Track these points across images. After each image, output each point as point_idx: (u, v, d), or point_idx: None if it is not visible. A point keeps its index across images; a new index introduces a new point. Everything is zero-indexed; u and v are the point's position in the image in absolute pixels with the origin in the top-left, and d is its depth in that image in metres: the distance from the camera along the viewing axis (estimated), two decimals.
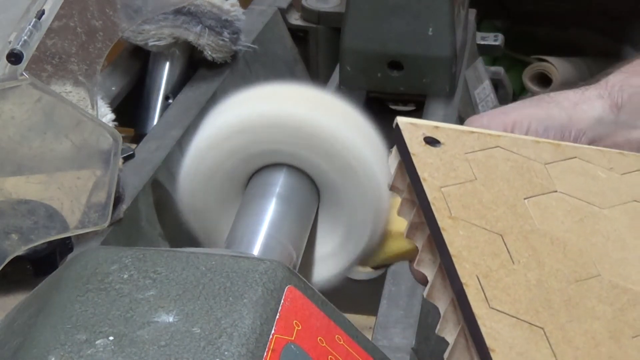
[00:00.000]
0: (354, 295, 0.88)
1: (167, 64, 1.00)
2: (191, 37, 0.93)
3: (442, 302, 0.42)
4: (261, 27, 1.06)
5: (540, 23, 1.75)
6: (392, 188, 0.48)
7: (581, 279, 0.42)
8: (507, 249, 0.42)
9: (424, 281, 0.58)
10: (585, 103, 0.60)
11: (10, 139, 0.61)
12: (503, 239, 0.42)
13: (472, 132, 0.47)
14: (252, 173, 0.64)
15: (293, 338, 0.45)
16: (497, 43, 1.20)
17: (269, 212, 0.61)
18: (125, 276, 0.47)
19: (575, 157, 0.48)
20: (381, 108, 1.03)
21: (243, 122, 0.63)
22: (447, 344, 0.44)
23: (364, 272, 0.90)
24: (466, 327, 0.40)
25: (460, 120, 0.95)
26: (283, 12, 1.14)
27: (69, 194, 0.64)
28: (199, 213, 0.66)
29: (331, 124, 0.62)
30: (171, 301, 0.45)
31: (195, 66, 0.99)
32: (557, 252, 0.43)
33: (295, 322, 0.46)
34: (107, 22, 0.70)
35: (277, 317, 0.45)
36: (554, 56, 1.58)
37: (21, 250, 0.64)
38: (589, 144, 0.57)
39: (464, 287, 0.39)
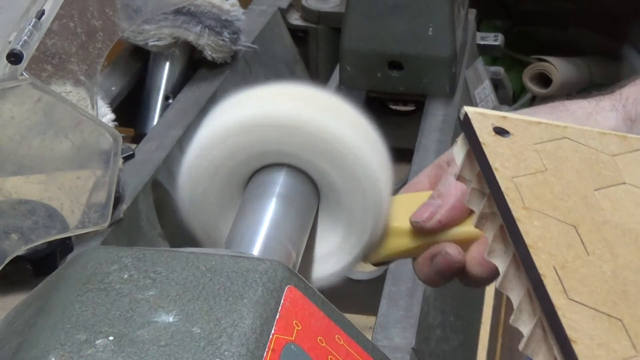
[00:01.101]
0: (354, 295, 0.88)
1: (167, 64, 1.00)
2: (191, 37, 0.93)
3: (516, 293, 0.42)
4: (261, 27, 1.06)
5: (540, 23, 1.75)
6: (459, 178, 0.48)
7: None
8: (581, 240, 0.42)
9: (427, 280, 0.57)
10: (599, 114, 0.60)
11: (10, 139, 0.61)
12: (577, 230, 0.42)
13: (540, 123, 0.48)
14: (252, 173, 0.64)
15: (293, 338, 0.45)
16: (497, 43, 1.20)
17: (269, 212, 0.61)
18: (125, 276, 0.47)
19: None
20: (381, 108, 1.03)
21: (243, 122, 0.63)
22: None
23: (364, 272, 0.90)
24: (545, 318, 0.39)
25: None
26: (283, 12, 1.14)
27: (69, 194, 0.64)
28: (198, 213, 0.66)
29: (331, 123, 0.62)
30: (171, 301, 0.45)
31: (195, 66, 0.99)
32: (630, 243, 0.43)
33: (295, 322, 0.46)
34: (107, 22, 0.70)
35: (277, 317, 0.45)
36: (554, 56, 1.59)
37: (21, 250, 0.64)
38: None
39: (542, 277, 0.39)
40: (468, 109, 0.47)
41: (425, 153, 0.86)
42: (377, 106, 1.01)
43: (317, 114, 0.63)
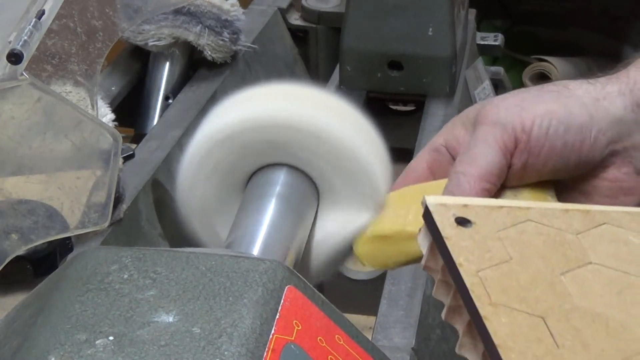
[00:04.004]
0: (354, 295, 0.88)
1: (167, 64, 1.00)
2: (191, 37, 0.93)
3: None
4: (261, 27, 1.06)
5: (540, 23, 1.75)
6: (425, 268, 0.47)
7: (627, 358, 0.41)
8: (550, 332, 0.41)
9: None
10: (606, 99, 0.58)
11: (10, 139, 0.61)
12: (545, 322, 0.41)
13: (502, 207, 0.47)
14: (252, 173, 0.64)
15: (293, 338, 0.45)
16: (497, 43, 1.20)
17: (269, 212, 0.61)
18: (125, 276, 0.47)
19: (605, 224, 0.48)
20: (381, 108, 1.03)
21: (243, 122, 0.63)
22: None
23: (364, 272, 0.90)
24: None
25: None
26: (283, 12, 1.14)
27: (69, 194, 0.64)
28: (198, 213, 0.66)
29: (331, 123, 0.62)
30: (171, 301, 0.45)
31: (195, 66, 0.99)
32: (600, 330, 0.42)
33: (295, 322, 0.46)
34: (107, 22, 0.70)
35: (277, 317, 0.45)
36: (554, 56, 1.59)
37: (21, 250, 0.64)
38: (608, 143, 0.56)
39: None
40: (429, 200, 0.46)
41: None
42: (377, 106, 1.01)
43: (317, 114, 0.63)
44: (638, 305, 0.43)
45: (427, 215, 0.45)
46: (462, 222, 0.45)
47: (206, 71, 0.97)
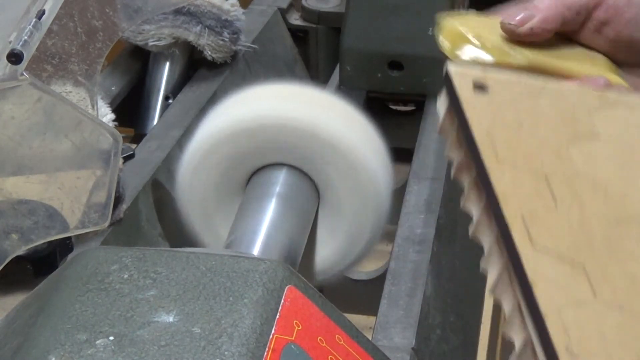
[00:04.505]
0: (354, 295, 0.88)
1: (167, 64, 1.00)
2: (191, 37, 0.93)
3: (487, 239, 0.44)
4: (261, 27, 1.06)
5: None
6: (441, 131, 0.49)
7: (623, 221, 0.44)
8: (551, 191, 0.43)
9: None
10: None
11: (10, 139, 0.61)
12: (547, 182, 0.44)
13: (519, 80, 0.49)
14: (252, 173, 0.64)
15: (293, 338, 0.45)
16: None
17: (269, 212, 0.61)
18: (125, 276, 0.47)
19: (619, 105, 0.50)
20: (381, 108, 1.03)
21: (243, 122, 0.63)
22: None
23: (364, 272, 0.90)
24: (509, 262, 0.41)
25: None
26: (283, 12, 1.14)
27: (69, 194, 0.64)
28: (198, 213, 0.66)
29: (331, 124, 0.62)
30: (171, 301, 0.45)
31: (195, 66, 0.99)
32: (599, 194, 0.44)
33: (296, 322, 0.46)
34: (107, 22, 0.70)
35: (277, 317, 0.45)
36: None
37: (21, 250, 0.64)
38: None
39: (509, 224, 0.41)
40: (450, 66, 0.49)
41: (425, 153, 0.86)
42: (377, 106, 1.01)
43: (317, 114, 0.63)
44: (639, 178, 0.46)
45: (447, 79, 0.48)
46: (480, 87, 0.48)
47: (206, 71, 0.97)
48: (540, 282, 0.40)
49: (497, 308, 0.91)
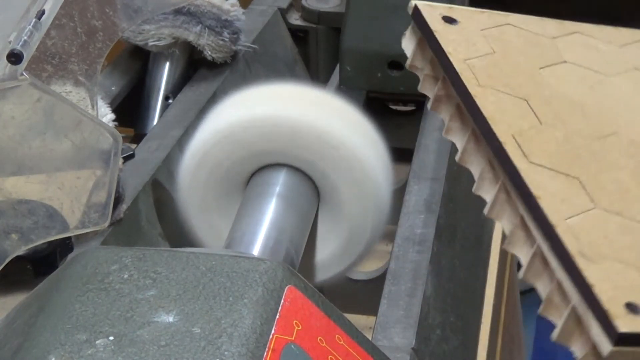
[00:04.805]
0: (354, 295, 0.88)
1: (167, 64, 1.00)
2: (191, 37, 0.93)
3: (476, 165, 0.47)
4: (261, 27, 1.06)
5: None
6: (411, 67, 0.52)
7: (602, 136, 0.46)
8: (533, 111, 0.46)
9: None
10: None
11: (10, 139, 0.61)
12: (528, 103, 0.46)
13: (483, 12, 0.52)
14: (252, 173, 0.64)
15: (293, 338, 0.45)
16: None
17: (269, 212, 0.61)
18: (125, 276, 0.47)
19: (577, 32, 0.54)
20: (381, 108, 1.03)
21: (243, 122, 0.63)
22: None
23: (364, 272, 0.90)
24: (509, 181, 0.43)
25: None
26: (283, 12, 1.14)
27: (69, 194, 0.64)
28: (198, 213, 0.66)
29: (331, 124, 0.62)
30: (171, 301, 0.45)
31: (195, 66, 0.99)
32: (577, 113, 0.47)
33: (295, 322, 0.46)
34: (107, 22, 0.70)
35: (277, 317, 0.45)
36: None
37: (21, 250, 0.64)
38: None
39: (503, 145, 0.44)
40: (417, 2, 0.51)
41: (425, 153, 0.86)
42: (377, 106, 1.01)
43: (317, 114, 0.63)
44: (609, 97, 0.49)
45: (417, 14, 0.50)
46: (448, 20, 0.50)
47: (206, 71, 0.97)
48: (543, 194, 0.42)
49: (496, 308, 0.91)
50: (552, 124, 0.46)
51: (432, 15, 0.50)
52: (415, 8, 0.50)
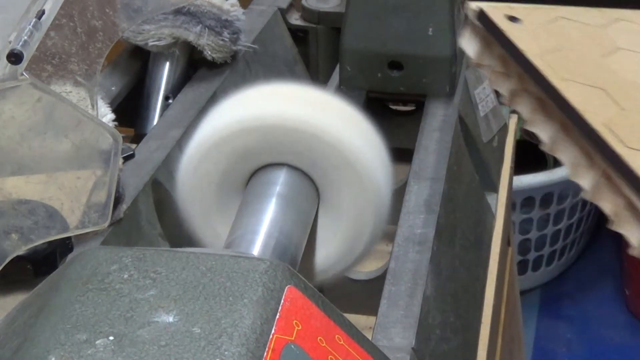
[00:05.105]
0: (354, 295, 0.88)
1: (167, 64, 1.00)
2: (191, 37, 0.93)
3: (568, 153, 0.49)
4: (261, 27, 1.06)
5: None
6: (477, 65, 0.54)
7: None
8: (613, 99, 0.48)
9: None
10: None
11: (10, 139, 0.61)
12: (606, 92, 0.48)
13: (537, 8, 0.55)
14: (252, 173, 0.64)
15: (293, 338, 0.45)
16: None
17: (269, 211, 0.61)
18: (125, 276, 0.47)
19: (620, 19, 0.56)
20: (381, 108, 1.03)
21: (242, 122, 0.63)
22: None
23: (364, 272, 0.90)
24: (610, 166, 0.45)
25: (461, 120, 0.95)
26: (283, 12, 1.14)
27: (69, 194, 0.64)
28: (198, 213, 0.66)
29: (331, 124, 0.62)
30: (171, 301, 0.45)
31: (195, 66, 0.99)
32: None
33: (295, 322, 0.46)
34: (107, 22, 0.70)
35: (277, 317, 0.45)
36: None
37: (21, 250, 0.64)
38: None
39: (599, 133, 0.45)
40: (481, 5, 0.54)
41: (425, 153, 0.86)
42: (377, 106, 1.01)
43: (317, 114, 0.63)
44: None
45: (482, 16, 0.52)
46: (512, 19, 0.52)
47: (206, 71, 0.97)
48: None
49: (496, 308, 0.91)
50: (633, 109, 0.48)
51: (497, 15, 0.52)
52: (480, 10, 0.53)
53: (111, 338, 0.43)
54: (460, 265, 0.80)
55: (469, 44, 0.54)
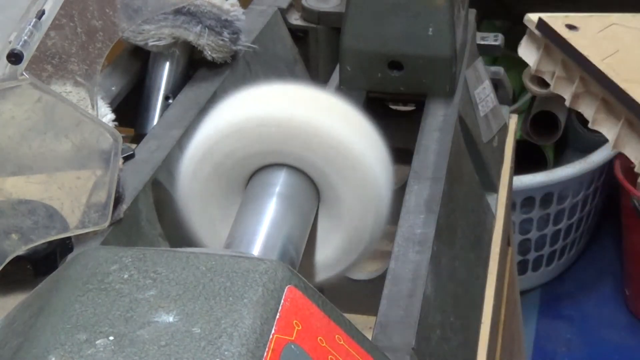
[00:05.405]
0: (354, 295, 0.88)
1: (167, 64, 1.00)
2: (191, 37, 0.93)
3: (631, 149, 0.54)
4: (261, 27, 1.06)
5: None
6: (537, 72, 0.60)
7: None
8: None
9: None
10: None
11: (10, 139, 0.61)
12: None
13: (591, 16, 0.59)
14: (252, 173, 0.64)
15: (293, 338, 0.45)
16: (497, 43, 1.19)
17: (269, 212, 0.61)
18: (125, 276, 0.47)
19: None
20: (381, 108, 1.03)
21: (243, 122, 0.63)
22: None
23: (364, 272, 0.90)
24: None
25: (461, 120, 0.95)
26: (283, 12, 1.14)
27: (69, 194, 0.64)
28: (199, 213, 0.66)
29: (331, 124, 0.62)
30: (171, 301, 0.45)
31: (195, 66, 0.99)
32: None
33: (296, 322, 0.46)
34: (107, 22, 0.71)
35: (277, 317, 0.45)
36: None
37: (21, 250, 0.64)
38: None
39: None
40: (539, 15, 0.59)
41: (425, 153, 0.86)
42: (377, 106, 1.01)
43: (317, 114, 0.63)
44: None
45: (542, 25, 0.58)
46: (571, 27, 0.57)
47: (206, 71, 0.97)
48: None
49: (496, 308, 0.91)
50: None
51: (557, 24, 0.57)
52: (540, 20, 0.59)
53: (111, 338, 0.43)
54: (460, 265, 0.80)
55: (528, 53, 0.60)
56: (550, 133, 2.09)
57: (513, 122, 1.14)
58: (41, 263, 0.67)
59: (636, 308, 2.10)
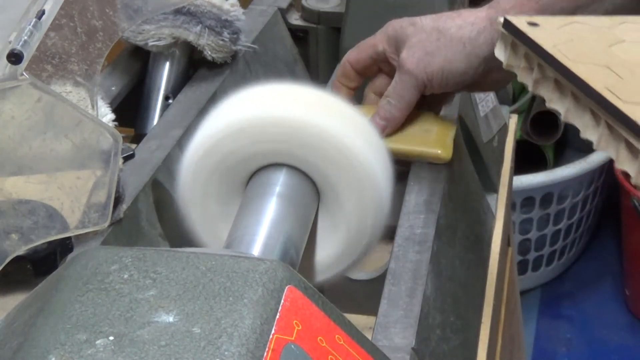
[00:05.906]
0: (354, 295, 0.88)
1: (167, 64, 1.00)
2: (191, 37, 0.93)
3: (579, 118, 0.59)
4: (261, 27, 1.06)
5: None
6: (507, 66, 0.66)
7: None
8: (614, 72, 0.59)
9: None
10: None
11: (10, 139, 0.61)
12: (609, 68, 0.60)
13: (555, 17, 0.66)
14: (252, 173, 0.64)
15: (293, 338, 0.45)
16: None
17: (269, 212, 0.61)
18: (126, 276, 0.47)
19: (626, 22, 0.67)
20: None
21: (243, 122, 0.63)
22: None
23: (364, 272, 0.90)
24: (612, 118, 0.56)
25: (461, 120, 0.95)
26: (283, 12, 1.14)
27: (69, 194, 0.64)
28: (199, 213, 0.66)
29: (331, 124, 0.62)
30: (171, 301, 0.45)
31: (195, 66, 0.99)
32: None
33: (295, 322, 0.46)
34: (107, 22, 0.71)
35: (277, 317, 0.45)
36: None
37: (21, 250, 0.64)
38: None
39: (601, 93, 0.56)
40: (506, 17, 0.66)
41: None
42: None
43: (317, 115, 0.63)
44: None
45: (507, 24, 0.65)
46: (532, 24, 0.64)
47: (206, 71, 0.97)
48: None
49: (496, 308, 0.91)
50: (629, 79, 0.59)
51: (520, 22, 0.64)
52: (506, 20, 0.65)
53: (111, 338, 0.43)
54: (460, 265, 0.80)
55: (501, 52, 0.66)
56: (550, 133, 2.09)
57: (513, 122, 1.14)
58: (41, 263, 0.67)
59: (636, 308, 2.10)
